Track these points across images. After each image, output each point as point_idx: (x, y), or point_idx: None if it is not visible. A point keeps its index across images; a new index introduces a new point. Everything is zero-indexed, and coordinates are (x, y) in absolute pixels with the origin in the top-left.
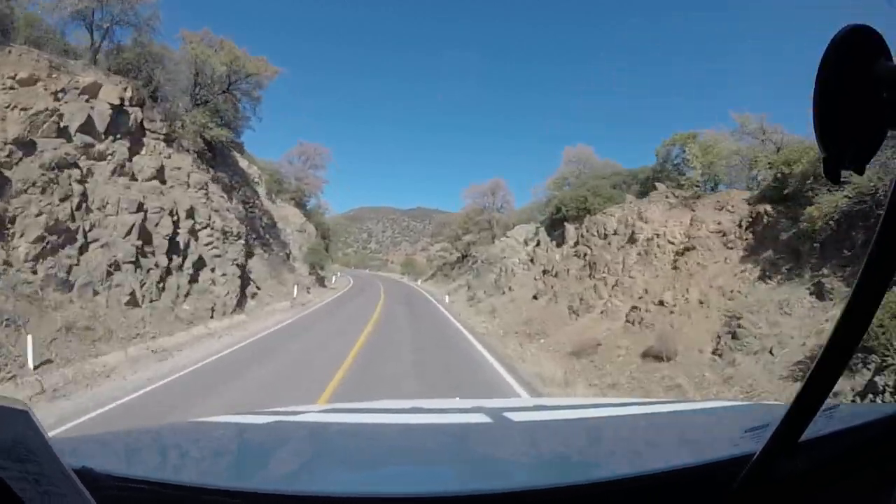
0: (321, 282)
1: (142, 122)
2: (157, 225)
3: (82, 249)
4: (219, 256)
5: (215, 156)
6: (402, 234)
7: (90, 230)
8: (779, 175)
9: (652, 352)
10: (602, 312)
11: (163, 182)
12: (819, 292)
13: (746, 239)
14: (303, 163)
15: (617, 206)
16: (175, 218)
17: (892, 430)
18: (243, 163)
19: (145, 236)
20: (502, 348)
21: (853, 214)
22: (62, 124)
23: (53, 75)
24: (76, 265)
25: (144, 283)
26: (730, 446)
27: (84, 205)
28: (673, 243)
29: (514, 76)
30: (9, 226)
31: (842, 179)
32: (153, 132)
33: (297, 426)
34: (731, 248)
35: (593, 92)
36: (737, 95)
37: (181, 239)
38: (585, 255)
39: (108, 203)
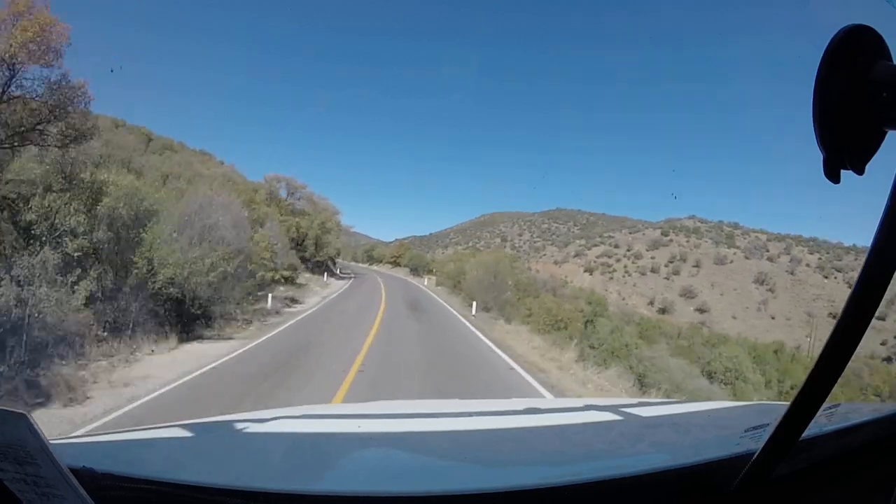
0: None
1: None
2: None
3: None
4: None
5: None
6: (542, 236)
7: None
8: None
9: None
10: None
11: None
12: None
13: None
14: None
15: None
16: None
17: (892, 429)
18: None
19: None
20: None
21: None
22: None
23: None
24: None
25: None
26: (730, 446)
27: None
28: None
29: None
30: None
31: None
32: None
33: (299, 426)
34: None
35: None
36: (736, 94)
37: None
38: None
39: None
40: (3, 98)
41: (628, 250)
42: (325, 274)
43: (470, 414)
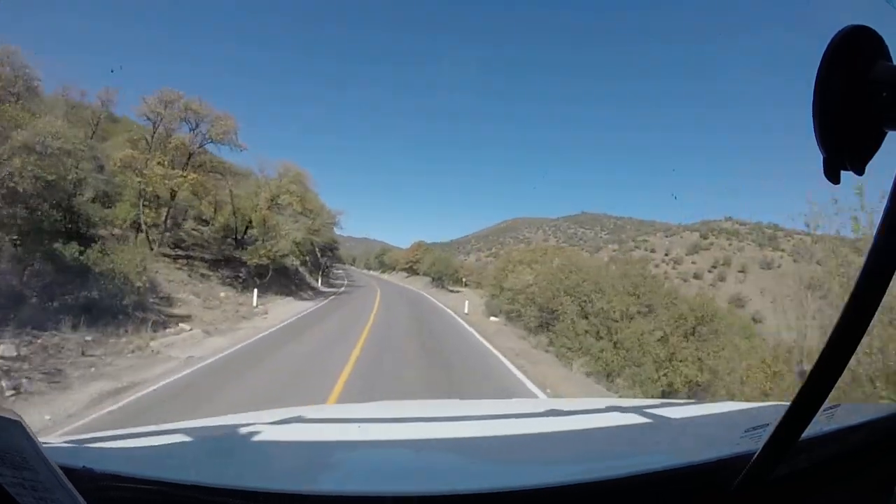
0: None
1: None
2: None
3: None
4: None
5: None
6: (568, 241)
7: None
8: None
9: None
10: None
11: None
12: None
13: None
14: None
15: None
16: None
17: (892, 430)
18: None
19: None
20: None
21: None
22: None
23: None
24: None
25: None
26: (730, 446)
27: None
28: None
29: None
30: None
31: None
32: None
33: (299, 426)
34: None
35: None
36: (734, 93)
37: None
38: None
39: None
40: None
41: (666, 255)
42: (256, 290)
43: (472, 415)
